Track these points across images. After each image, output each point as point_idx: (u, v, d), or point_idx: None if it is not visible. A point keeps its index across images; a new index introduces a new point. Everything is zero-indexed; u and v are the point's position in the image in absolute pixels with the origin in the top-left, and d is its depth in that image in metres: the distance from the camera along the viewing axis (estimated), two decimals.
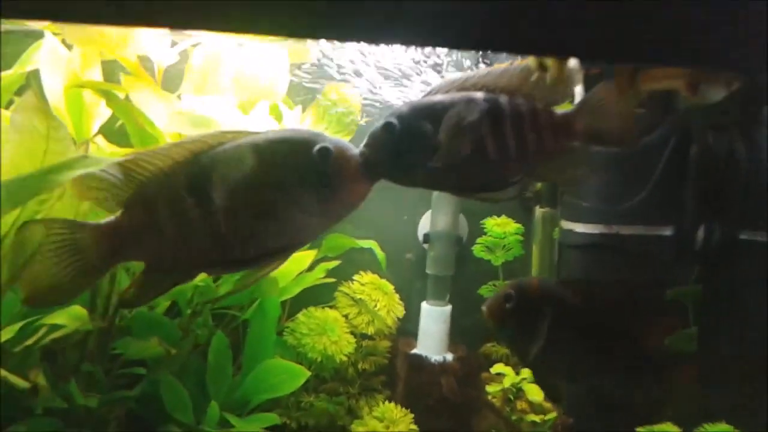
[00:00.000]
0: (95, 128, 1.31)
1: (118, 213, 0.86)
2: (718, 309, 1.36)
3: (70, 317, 1.14)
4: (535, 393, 1.38)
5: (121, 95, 1.22)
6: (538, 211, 1.57)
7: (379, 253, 1.52)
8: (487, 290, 1.62)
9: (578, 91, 1.28)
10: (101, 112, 1.31)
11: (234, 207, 0.85)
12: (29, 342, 1.12)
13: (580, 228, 1.37)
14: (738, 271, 1.30)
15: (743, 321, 1.34)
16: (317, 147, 0.86)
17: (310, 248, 1.47)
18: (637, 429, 1.32)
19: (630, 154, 1.32)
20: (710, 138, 1.26)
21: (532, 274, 1.62)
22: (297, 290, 1.45)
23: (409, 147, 0.91)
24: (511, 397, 1.40)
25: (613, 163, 1.33)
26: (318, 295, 1.52)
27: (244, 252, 0.88)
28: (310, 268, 1.47)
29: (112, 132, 1.32)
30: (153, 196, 0.85)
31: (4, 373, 1.05)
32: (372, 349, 1.53)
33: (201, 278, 1.33)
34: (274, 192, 0.85)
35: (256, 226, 0.86)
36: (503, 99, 0.93)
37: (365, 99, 1.47)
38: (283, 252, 0.91)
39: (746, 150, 1.26)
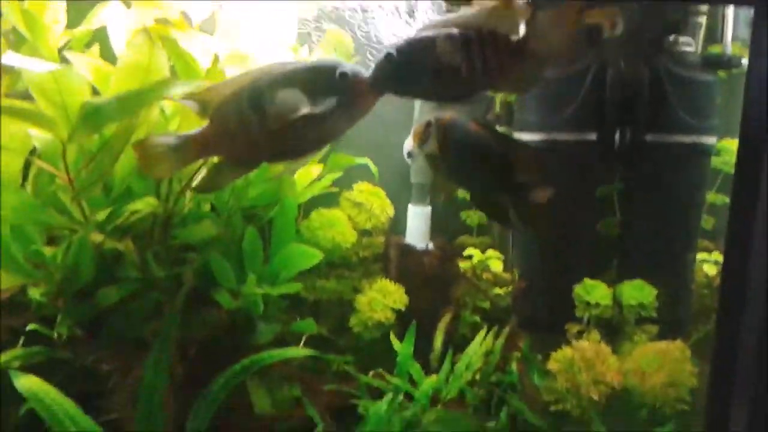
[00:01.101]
0: None
1: (206, 124, 1.20)
2: (634, 197, 1.78)
3: (146, 204, 1.50)
4: (495, 265, 1.79)
5: None
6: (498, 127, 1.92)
7: (373, 167, 1.86)
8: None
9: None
10: None
11: (281, 115, 1.16)
12: (119, 221, 1.49)
13: (526, 136, 1.75)
14: (646, 165, 1.72)
15: (653, 205, 1.76)
16: (339, 71, 1.18)
17: (318, 163, 1.86)
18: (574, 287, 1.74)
19: (563, 78, 1.72)
20: (621, 64, 1.65)
21: None
22: (309, 195, 1.78)
23: (404, 70, 1.20)
24: (479, 271, 1.81)
25: (551, 85, 1.72)
26: (326, 203, 1.86)
27: (289, 146, 1.21)
28: (319, 180, 1.83)
29: None
30: (227, 111, 1.18)
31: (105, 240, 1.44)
32: (370, 243, 1.89)
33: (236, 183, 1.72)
34: (310, 103, 1.17)
35: (298, 127, 1.18)
36: (473, 32, 1.20)
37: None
38: (316, 145, 1.25)
39: (649, 72, 1.66)
